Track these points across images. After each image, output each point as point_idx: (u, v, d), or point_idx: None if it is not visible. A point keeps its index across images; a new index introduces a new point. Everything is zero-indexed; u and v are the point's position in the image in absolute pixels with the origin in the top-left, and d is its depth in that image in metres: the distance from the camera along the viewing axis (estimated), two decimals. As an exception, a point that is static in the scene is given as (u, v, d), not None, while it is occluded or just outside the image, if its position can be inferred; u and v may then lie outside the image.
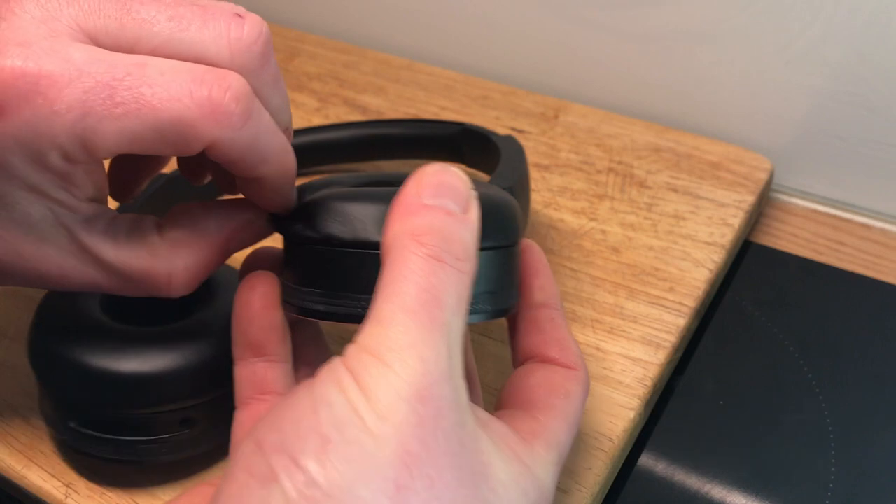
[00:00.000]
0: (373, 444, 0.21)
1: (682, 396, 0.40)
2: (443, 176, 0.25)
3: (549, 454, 0.27)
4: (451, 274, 0.24)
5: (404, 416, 0.22)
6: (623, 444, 0.36)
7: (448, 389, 0.23)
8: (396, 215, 0.25)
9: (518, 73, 0.59)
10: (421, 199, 0.25)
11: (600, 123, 0.54)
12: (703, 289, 0.42)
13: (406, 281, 0.23)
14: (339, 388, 0.22)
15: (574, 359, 0.30)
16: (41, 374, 0.33)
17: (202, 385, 0.33)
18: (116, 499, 0.34)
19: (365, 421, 0.22)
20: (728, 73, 0.51)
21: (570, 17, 0.55)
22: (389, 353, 0.22)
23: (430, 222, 0.24)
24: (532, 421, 0.27)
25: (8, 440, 0.36)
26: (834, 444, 0.37)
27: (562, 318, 0.31)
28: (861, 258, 0.47)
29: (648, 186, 0.49)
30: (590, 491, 0.34)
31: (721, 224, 0.46)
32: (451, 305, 0.24)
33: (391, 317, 0.23)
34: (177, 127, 0.25)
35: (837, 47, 0.47)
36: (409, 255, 0.24)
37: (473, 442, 0.23)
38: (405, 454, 0.21)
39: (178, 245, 0.29)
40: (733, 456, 0.37)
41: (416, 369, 0.22)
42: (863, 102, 0.48)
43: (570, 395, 0.29)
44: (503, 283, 0.29)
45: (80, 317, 0.33)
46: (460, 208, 0.25)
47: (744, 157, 0.50)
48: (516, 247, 0.30)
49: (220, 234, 0.30)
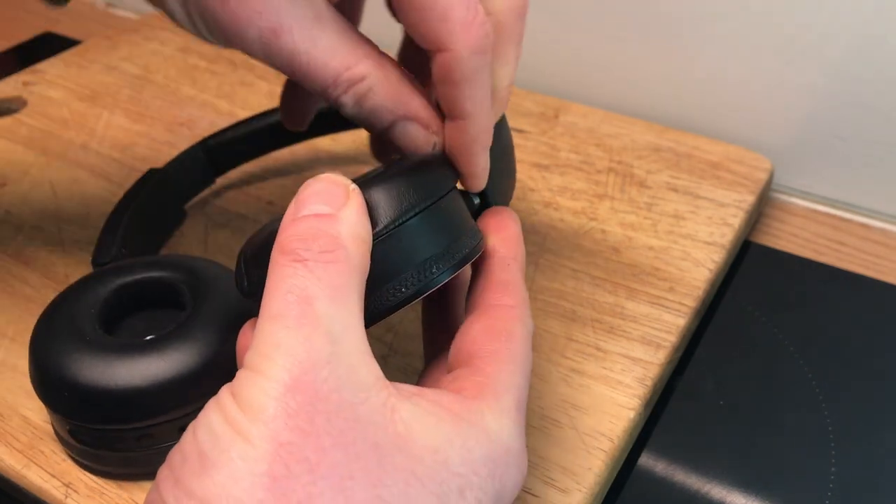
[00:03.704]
0: (245, 446, 0.22)
1: (682, 396, 0.40)
2: (314, 186, 0.26)
3: (500, 402, 0.26)
4: (314, 268, 0.24)
5: (273, 411, 0.22)
6: (623, 444, 0.36)
7: (328, 373, 0.23)
8: (278, 235, 0.25)
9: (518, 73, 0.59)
10: (294, 216, 0.26)
11: (600, 123, 0.54)
12: (703, 289, 0.42)
13: (269, 293, 0.24)
14: (217, 408, 0.23)
15: (516, 298, 0.29)
16: (40, 394, 0.33)
17: (198, 391, 0.32)
18: (116, 499, 0.34)
19: (238, 427, 0.22)
20: (728, 73, 0.51)
21: (570, 16, 0.55)
22: (260, 360, 0.23)
23: (295, 231, 0.25)
24: (477, 374, 0.27)
25: (8, 440, 0.36)
26: (834, 444, 0.37)
27: (518, 267, 0.30)
28: (861, 258, 0.47)
29: (648, 186, 0.49)
30: (590, 491, 0.34)
31: (721, 224, 0.46)
32: (325, 295, 0.24)
33: (261, 328, 0.24)
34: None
35: (837, 47, 0.47)
36: (276, 267, 0.25)
37: (379, 415, 0.23)
38: (278, 446, 0.22)
39: (382, 67, 0.29)
40: (733, 456, 0.37)
41: (283, 366, 0.23)
42: (863, 102, 0.48)
43: (512, 335, 0.28)
44: (445, 238, 0.28)
45: (74, 333, 0.33)
46: (333, 208, 0.26)
47: (744, 157, 0.50)
48: (445, 198, 0.29)
49: (408, 101, 0.30)
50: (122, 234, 0.41)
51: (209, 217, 0.48)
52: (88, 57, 0.65)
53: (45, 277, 0.44)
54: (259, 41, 0.28)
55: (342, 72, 0.29)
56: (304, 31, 0.28)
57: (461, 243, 0.29)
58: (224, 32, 0.28)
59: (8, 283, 0.44)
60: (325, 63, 0.28)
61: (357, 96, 0.29)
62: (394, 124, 0.30)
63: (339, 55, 0.28)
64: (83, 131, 0.57)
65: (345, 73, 0.29)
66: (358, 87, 0.29)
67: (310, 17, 0.28)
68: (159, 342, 0.33)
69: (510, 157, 0.40)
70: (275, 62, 0.29)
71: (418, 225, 0.28)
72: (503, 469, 0.25)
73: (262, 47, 0.28)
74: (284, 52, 0.28)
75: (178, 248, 0.46)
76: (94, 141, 0.55)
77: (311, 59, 0.28)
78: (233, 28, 0.28)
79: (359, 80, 0.29)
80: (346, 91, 0.29)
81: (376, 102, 0.29)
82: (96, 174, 0.52)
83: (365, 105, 0.29)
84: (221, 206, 0.49)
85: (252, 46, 0.28)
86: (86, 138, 0.56)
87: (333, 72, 0.29)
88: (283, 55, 0.28)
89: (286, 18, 0.28)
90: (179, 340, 0.33)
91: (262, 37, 0.28)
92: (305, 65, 0.28)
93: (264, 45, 0.28)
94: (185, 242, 0.46)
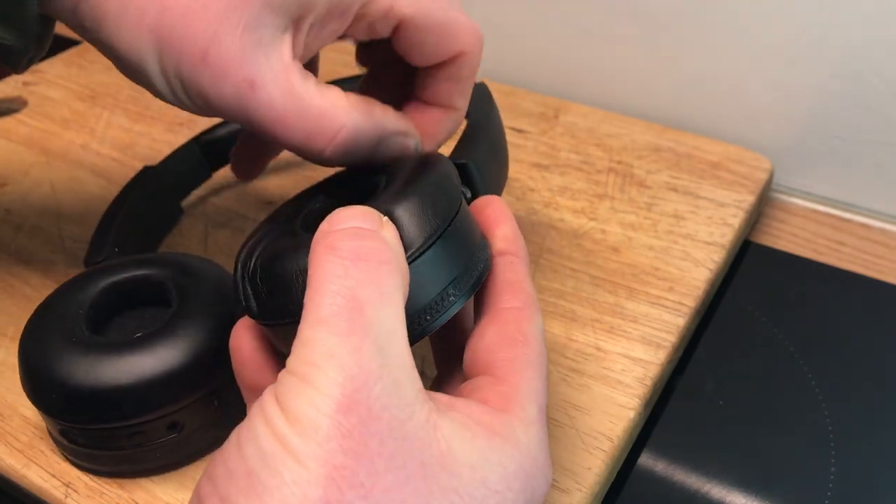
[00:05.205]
0: (297, 468, 0.21)
1: (682, 396, 0.40)
2: (348, 210, 0.26)
3: (526, 411, 0.26)
4: (366, 268, 0.24)
5: (326, 431, 0.22)
6: (623, 443, 0.36)
7: (379, 389, 0.22)
8: (313, 247, 0.25)
9: (518, 73, 0.59)
10: (332, 228, 0.25)
11: (600, 123, 0.54)
12: (703, 288, 0.42)
13: (318, 292, 0.23)
14: (263, 419, 0.22)
15: (524, 298, 0.29)
16: (31, 397, 0.33)
17: (183, 388, 0.32)
18: (116, 499, 0.34)
19: (289, 446, 0.22)
20: (728, 73, 0.51)
21: (570, 17, 0.55)
22: (309, 368, 0.22)
23: (343, 233, 0.25)
24: (500, 384, 0.27)
25: (8, 440, 0.36)
26: (834, 444, 0.37)
27: (522, 263, 0.30)
28: (861, 258, 0.47)
29: (648, 186, 0.49)
30: (590, 491, 0.34)
31: (721, 224, 0.46)
32: (374, 300, 0.23)
33: (308, 332, 0.23)
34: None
35: (837, 47, 0.47)
36: (324, 263, 0.24)
37: (424, 432, 0.23)
38: (332, 469, 0.21)
39: (357, 107, 0.30)
40: (733, 456, 0.37)
41: (335, 380, 0.22)
42: (863, 102, 0.48)
43: (526, 338, 0.28)
44: (462, 259, 0.28)
45: (62, 334, 0.33)
46: (373, 226, 0.25)
47: (744, 157, 0.50)
48: (457, 218, 0.29)
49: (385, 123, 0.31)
50: (115, 234, 0.41)
51: (208, 217, 0.48)
52: (89, 57, 0.65)
53: (45, 277, 0.44)
54: (235, 96, 0.28)
55: (323, 126, 0.29)
56: (280, 84, 0.28)
57: (476, 259, 0.29)
58: (201, 89, 0.28)
59: (8, 283, 0.44)
60: (303, 117, 0.29)
61: (336, 147, 0.30)
62: (376, 148, 0.31)
63: (314, 109, 0.29)
64: (83, 131, 0.57)
65: (328, 125, 0.29)
66: (338, 138, 0.29)
67: (284, 71, 0.29)
68: (146, 340, 0.32)
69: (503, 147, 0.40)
70: (251, 117, 0.29)
71: (441, 248, 0.27)
72: (533, 480, 0.25)
73: (237, 102, 0.28)
74: (261, 107, 0.28)
75: (177, 248, 0.46)
76: (95, 141, 0.55)
77: (287, 113, 0.29)
78: (210, 83, 0.28)
79: (339, 129, 0.29)
80: (327, 145, 0.29)
81: (359, 144, 0.30)
82: (96, 174, 0.52)
83: (348, 148, 0.30)
84: (221, 206, 0.49)
85: (229, 103, 0.28)
86: (86, 138, 0.56)
87: (313, 127, 0.29)
88: (259, 110, 0.28)
89: (263, 71, 0.28)
90: (166, 337, 0.32)
91: (238, 91, 0.28)
92: (281, 120, 0.29)
93: (240, 99, 0.28)
94: (185, 242, 0.46)
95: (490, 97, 0.41)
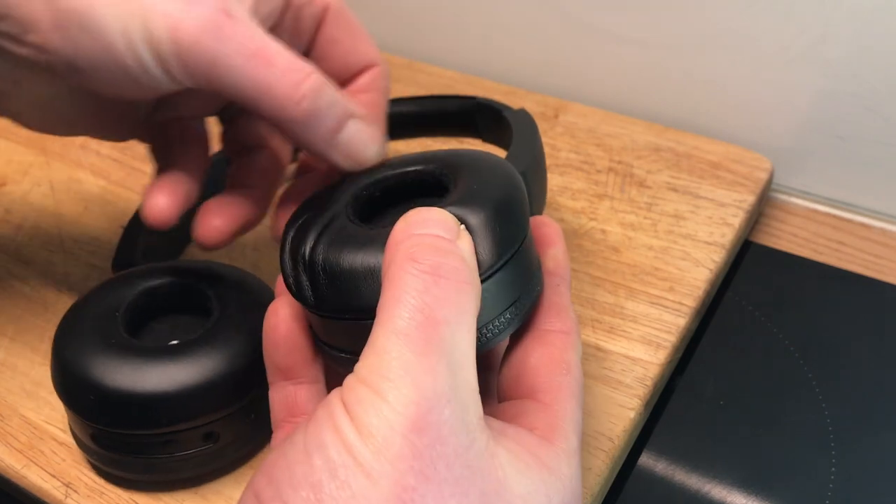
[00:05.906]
0: (367, 483, 0.21)
1: (682, 396, 0.40)
2: (427, 213, 0.26)
3: (569, 443, 0.26)
4: (447, 287, 0.24)
5: (399, 449, 0.21)
6: (623, 444, 0.36)
7: (448, 413, 0.22)
8: (390, 249, 0.25)
9: (518, 73, 0.59)
10: (411, 231, 0.25)
11: (600, 123, 0.54)
12: (703, 288, 0.42)
13: (399, 302, 0.23)
14: (332, 427, 0.22)
15: (568, 323, 0.29)
16: (64, 398, 0.33)
17: (223, 399, 0.32)
18: (116, 499, 0.34)
19: (359, 460, 0.21)
20: (728, 73, 0.51)
21: (571, 17, 0.55)
22: (383, 382, 0.22)
23: (423, 241, 0.24)
24: (545, 412, 0.27)
25: (8, 440, 0.36)
26: (834, 444, 0.37)
27: (566, 286, 0.30)
28: (861, 258, 0.47)
29: (648, 186, 0.49)
30: (590, 491, 0.34)
31: (721, 224, 0.46)
32: (451, 320, 0.23)
33: (384, 343, 0.23)
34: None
35: (837, 47, 0.47)
36: (404, 274, 0.24)
37: (483, 460, 0.23)
38: (402, 490, 0.21)
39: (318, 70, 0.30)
40: (733, 456, 0.37)
41: (410, 398, 0.22)
42: (863, 102, 0.48)
43: (570, 366, 0.28)
44: (523, 284, 0.28)
45: (99, 336, 0.33)
46: (451, 236, 0.25)
47: (744, 157, 0.50)
48: (526, 240, 0.29)
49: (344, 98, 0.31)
50: (144, 239, 0.41)
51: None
52: (88, 57, 0.65)
53: (44, 277, 0.44)
54: (213, 28, 0.28)
55: (294, 66, 0.29)
56: (252, 22, 0.29)
57: (535, 281, 0.29)
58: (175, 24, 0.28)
59: (8, 282, 0.44)
60: (278, 54, 0.29)
61: (306, 95, 0.29)
62: (340, 126, 0.30)
63: (283, 52, 0.29)
64: (83, 131, 0.56)
65: (298, 68, 0.29)
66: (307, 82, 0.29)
67: (253, 15, 0.30)
68: (187, 347, 0.32)
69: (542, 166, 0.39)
70: (226, 52, 0.28)
71: (511, 268, 0.27)
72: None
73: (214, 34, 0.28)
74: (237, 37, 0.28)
75: (198, 254, 0.46)
76: (94, 141, 0.55)
77: (260, 49, 0.28)
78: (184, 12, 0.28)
79: (308, 73, 0.29)
80: (297, 86, 0.29)
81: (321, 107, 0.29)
82: (96, 174, 0.52)
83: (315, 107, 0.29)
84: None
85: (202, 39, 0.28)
86: (85, 138, 0.56)
87: (286, 65, 0.29)
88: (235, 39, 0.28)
89: (237, 8, 0.29)
90: (208, 346, 0.32)
91: (216, 21, 0.28)
92: (255, 55, 0.28)
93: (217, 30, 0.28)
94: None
95: (534, 123, 0.40)
